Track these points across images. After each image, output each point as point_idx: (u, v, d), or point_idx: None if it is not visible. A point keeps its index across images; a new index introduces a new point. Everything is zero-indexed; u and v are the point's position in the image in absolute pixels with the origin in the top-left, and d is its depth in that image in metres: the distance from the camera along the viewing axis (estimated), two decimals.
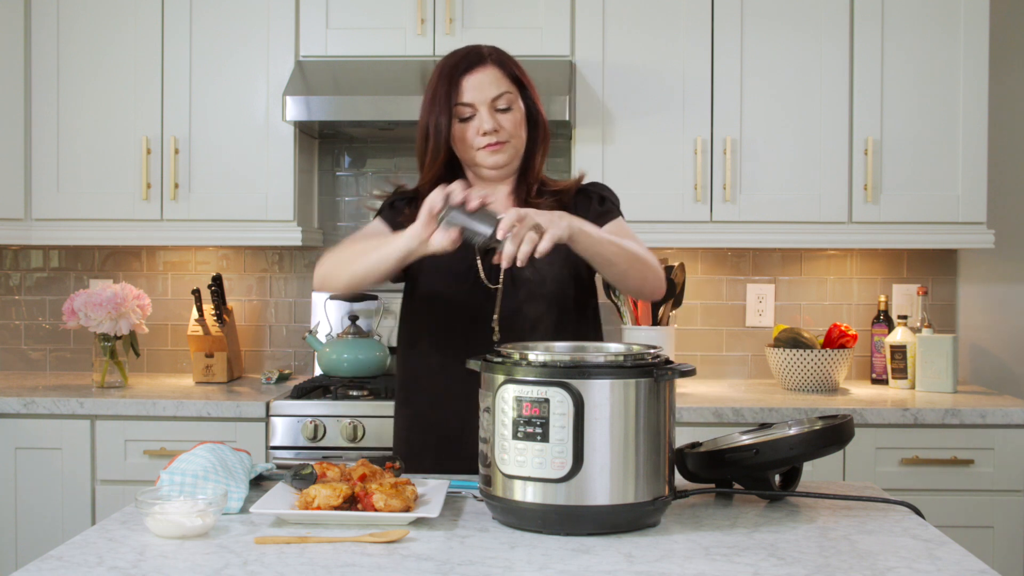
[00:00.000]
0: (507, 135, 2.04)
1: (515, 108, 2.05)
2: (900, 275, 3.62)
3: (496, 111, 2.03)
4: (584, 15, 3.28)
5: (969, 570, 1.41)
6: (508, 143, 2.05)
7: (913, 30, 3.26)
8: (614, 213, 2.12)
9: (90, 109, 3.36)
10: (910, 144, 3.27)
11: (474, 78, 2.03)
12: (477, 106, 2.03)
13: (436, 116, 2.06)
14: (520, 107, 2.07)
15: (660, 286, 2.00)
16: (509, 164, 2.08)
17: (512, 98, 2.05)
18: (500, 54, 2.09)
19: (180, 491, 1.66)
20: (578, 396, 1.53)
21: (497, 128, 2.03)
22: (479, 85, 2.02)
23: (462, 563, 1.42)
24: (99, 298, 3.24)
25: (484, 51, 2.07)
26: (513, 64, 2.09)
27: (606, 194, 2.17)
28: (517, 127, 2.06)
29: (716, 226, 3.28)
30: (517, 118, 2.06)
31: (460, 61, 2.05)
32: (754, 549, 1.50)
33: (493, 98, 2.03)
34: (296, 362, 3.72)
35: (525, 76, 2.09)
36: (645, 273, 1.95)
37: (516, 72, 2.07)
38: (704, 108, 3.28)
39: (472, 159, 2.08)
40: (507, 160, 2.07)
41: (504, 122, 2.04)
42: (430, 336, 2.11)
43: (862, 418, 2.94)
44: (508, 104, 2.04)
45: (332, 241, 3.71)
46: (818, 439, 1.75)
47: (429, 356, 2.11)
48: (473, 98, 2.03)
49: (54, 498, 3.05)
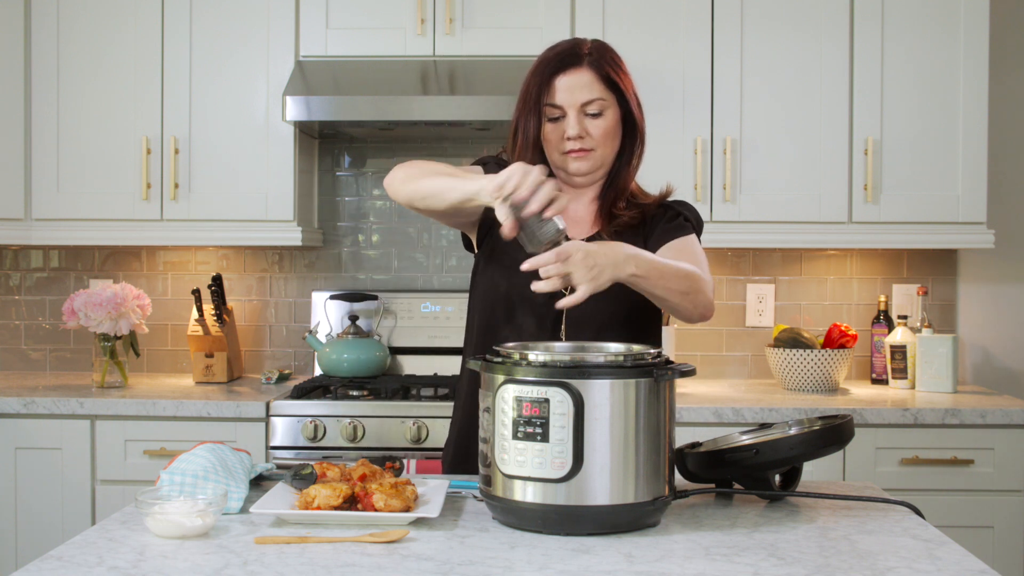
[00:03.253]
0: (593, 143, 1.95)
1: (606, 115, 1.95)
2: (900, 275, 3.62)
3: (586, 116, 1.95)
4: (584, 15, 3.28)
5: (969, 570, 1.41)
6: (594, 151, 1.96)
7: (913, 30, 3.26)
8: (686, 229, 2.01)
9: (90, 109, 3.36)
10: (910, 144, 3.27)
11: (566, 79, 1.93)
12: (566, 109, 1.93)
13: (526, 115, 1.97)
14: (613, 114, 1.96)
15: (707, 312, 1.90)
16: (593, 172, 1.99)
17: (605, 104, 1.94)
18: (601, 55, 1.96)
19: (180, 491, 1.66)
20: (578, 396, 1.53)
21: (583, 135, 1.94)
22: (570, 87, 1.93)
23: (462, 563, 1.42)
24: (99, 298, 3.24)
25: (584, 50, 1.95)
26: (614, 67, 1.96)
27: (684, 211, 2.05)
28: (607, 135, 1.96)
29: (716, 226, 3.28)
30: (607, 126, 1.96)
31: (555, 58, 1.96)
32: (754, 549, 1.50)
33: (583, 103, 1.93)
34: (296, 362, 3.72)
35: (624, 80, 1.97)
36: (696, 301, 1.84)
37: (614, 77, 1.95)
38: (704, 108, 3.28)
39: (557, 162, 2.00)
40: (591, 168, 1.98)
41: (592, 128, 1.94)
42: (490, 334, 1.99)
43: (862, 418, 2.94)
44: (599, 110, 1.94)
45: (332, 241, 3.71)
46: (818, 439, 1.75)
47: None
48: (563, 100, 1.93)
49: (54, 498, 3.05)
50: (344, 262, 3.71)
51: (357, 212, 3.72)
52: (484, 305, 2.03)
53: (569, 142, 1.95)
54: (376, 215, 3.71)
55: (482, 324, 2.03)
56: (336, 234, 3.71)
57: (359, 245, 3.72)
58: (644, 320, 2.01)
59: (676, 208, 2.06)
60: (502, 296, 1.98)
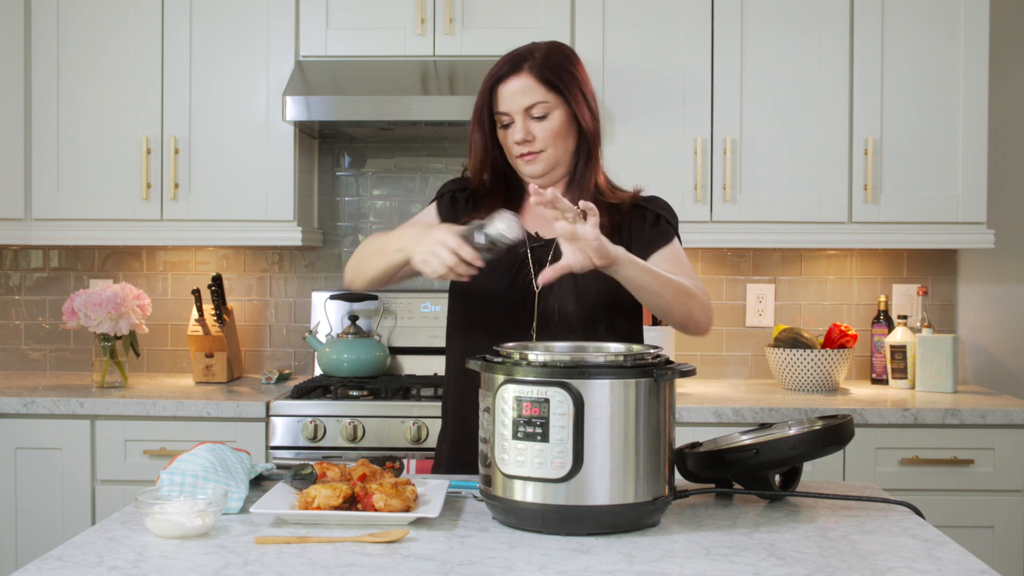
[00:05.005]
0: (541, 144, 1.98)
1: (552, 116, 1.98)
2: (900, 275, 3.62)
3: (531, 119, 1.98)
4: (584, 15, 3.28)
5: (969, 570, 1.41)
6: (543, 152, 1.99)
7: (913, 30, 3.26)
8: (668, 236, 2.03)
9: (90, 109, 3.36)
10: (910, 144, 3.27)
11: (508, 87, 1.97)
12: (512, 115, 1.98)
13: (475, 129, 2.04)
14: (560, 115, 1.98)
15: (706, 321, 1.93)
16: (549, 173, 2.02)
17: (548, 106, 1.97)
18: (545, 58, 1.99)
19: (180, 491, 1.66)
20: (578, 396, 1.53)
21: (529, 138, 1.98)
22: (512, 94, 1.97)
23: (462, 563, 1.42)
24: (99, 298, 3.24)
25: (523, 57, 1.99)
26: (556, 69, 1.98)
27: (662, 212, 2.07)
28: (554, 136, 1.98)
29: (716, 226, 3.28)
30: (553, 127, 1.98)
31: (498, 69, 2.00)
32: (754, 549, 1.50)
33: (526, 107, 1.96)
34: (296, 362, 3.72)
35: (567, 80, 1.98)
36: (691, 308, 1.88)
37: (554, 79, 1.97)
38: (704, 108, 3.28)
39: (515, 166, 2.04)
40: (543, 170, 2.01)
41: (537, 131, 1.97)
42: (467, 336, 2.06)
43: (862, 418, 2.94)
44: (543, 112, 1.97)
45: (332, 241, 3.71)
46: (818, 439, 1.75)
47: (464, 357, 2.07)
48: (507, 107, 1.98)
49: (54, 498, 3.05)
50: (344, 262, 3.70)
51: (357, 212, 3.72)
52: (458, 302, 2.09)
53: (517, 146, 2.00)
54: (376, 215, 3.71)
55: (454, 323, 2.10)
56: (336, 234, 3.71)
57: (359, 245, 3.71)
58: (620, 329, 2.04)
59: (654, 209, 2.07)
60: (475, 293, 2.03)
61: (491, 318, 2.02)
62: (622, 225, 2.03)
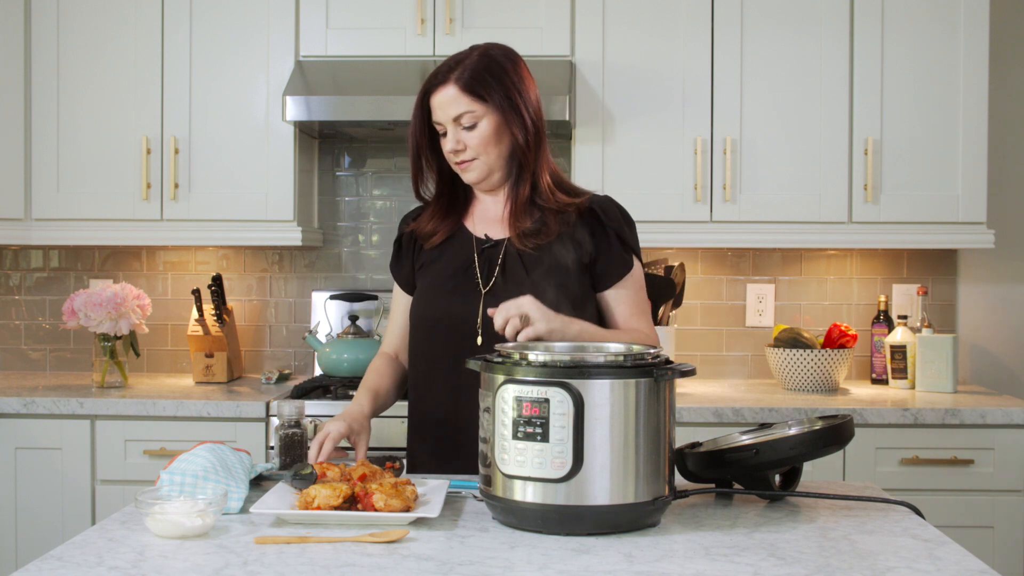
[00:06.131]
0: (473, 152, 2.02)
1: (480, 125, 2.00)
2: (900, 275, 3.62)
3: (462, 128, 2.01)
4: (584, 15, 3.28)
5: (969, 570, 1.41)
6: (477, 159, 2.02)
7: (913, 30, 3.26)
8: (628, 265, 2.06)
9: (90, 109, 3.36)
10: (910, 144, 3.27)
11: (436, 98, 2.01)
12: (445, 125, 2.02)
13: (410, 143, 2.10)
14: (489, 122, 2.00)
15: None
16: (487, 178, 2.06)
17: (476, 115, 1.99)
18: (470, 69, 2.00)
19: (180, 491, 1.66)
20: (578, 396, 1.53)
21: (459, 148, 2.02)
22: (441, 105, 2.01)
23: (462, 563, 1.42)
24: (99, 298, 3.24)
25: (451, 67, 2.01)
26: (480, 80, 1.99)
27: (623, 231, 2.06)
28: (484, 143, 2.01)
29: (716, 226, 3.28)
30: (483, 134, 2.00)
31: (431, 79, 2.04)
32: (754, 549, 1.50)
33: (454, 117, 2.00)
34: (296, 362, 3.72)
35: (494, 90, 1.99)
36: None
37: (478, 88, 1.98)
38: (704, 108, 3.28)
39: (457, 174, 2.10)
40: (480, 176, 2.05)
41: (468, 140, 2.01)
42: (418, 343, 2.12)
43: (862, 418, 2.94)
44: (472, 122, 2.00)
45: (332, 241, 3.71)
46: (818, 439, 1.75)
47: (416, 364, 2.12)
48: (439, 118, 2.02)
49: (54, 498, 3.05)
50: (344, 262, 3.71)
51: (357, 212, 3.72)
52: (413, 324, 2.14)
53: (451, 155, 2.04)
54: (376, 215, 3.72)
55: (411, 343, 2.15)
56: (336, 234, 3.71)
57: (359, 245, 3.72)
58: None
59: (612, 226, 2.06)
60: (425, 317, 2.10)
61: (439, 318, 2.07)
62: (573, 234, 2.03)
